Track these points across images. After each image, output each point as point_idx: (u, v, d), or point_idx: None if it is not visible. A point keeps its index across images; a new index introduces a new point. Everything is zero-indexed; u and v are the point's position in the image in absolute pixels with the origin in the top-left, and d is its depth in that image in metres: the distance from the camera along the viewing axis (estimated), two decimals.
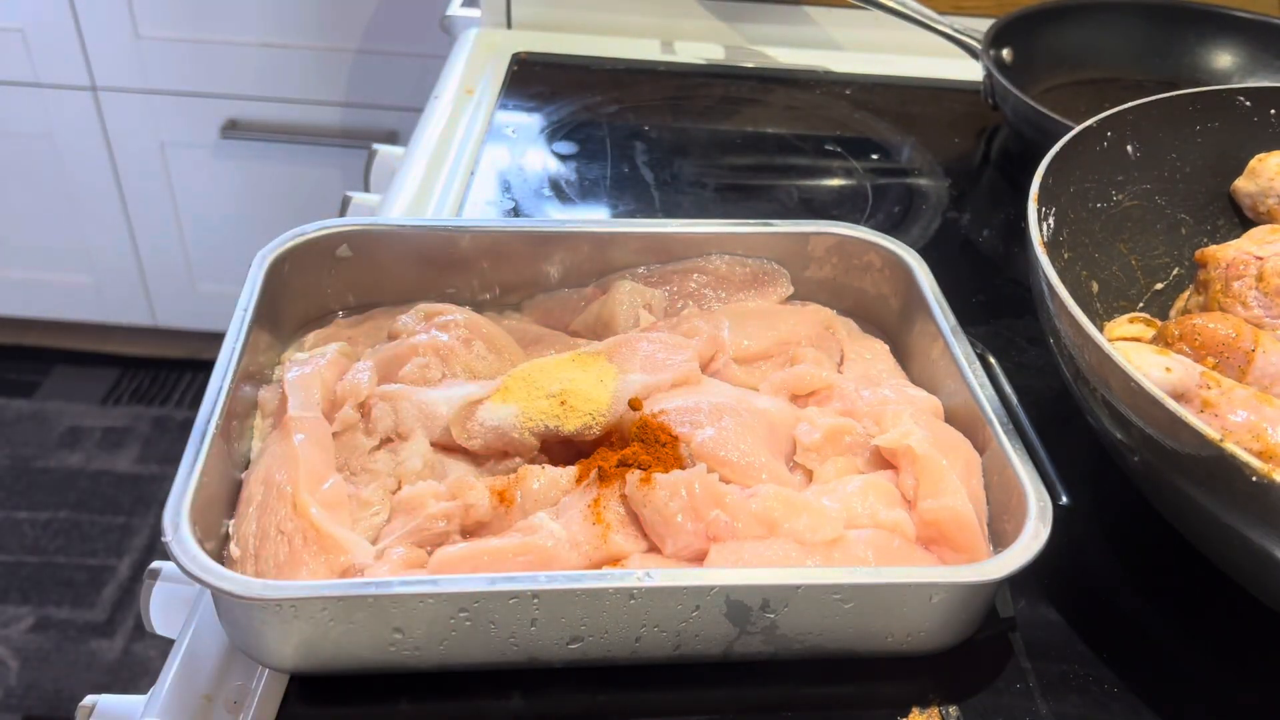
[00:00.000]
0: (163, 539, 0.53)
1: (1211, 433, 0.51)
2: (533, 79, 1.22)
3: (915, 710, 0.58)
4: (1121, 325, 0.73)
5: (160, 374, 2.24)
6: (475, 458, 0.66)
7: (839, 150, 1.14)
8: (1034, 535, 0.57)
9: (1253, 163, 0.81)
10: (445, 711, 0.57)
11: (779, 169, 1.11)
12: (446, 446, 0.66)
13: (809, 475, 0.66)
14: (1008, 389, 0.68)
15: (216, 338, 0.65)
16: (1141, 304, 0.80)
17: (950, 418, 0.69)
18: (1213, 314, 0.68)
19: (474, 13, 1.36)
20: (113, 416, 2.14)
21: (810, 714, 0.58)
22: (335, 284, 0.76)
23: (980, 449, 0.65)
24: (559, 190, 1.02)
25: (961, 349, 0.69)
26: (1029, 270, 0.67)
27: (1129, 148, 0.79)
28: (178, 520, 0.54)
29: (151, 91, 1.83)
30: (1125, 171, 0.79)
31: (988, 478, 0.64)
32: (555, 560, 0.57)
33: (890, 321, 0.79)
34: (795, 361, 0.73)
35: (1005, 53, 1.15)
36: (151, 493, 1.99)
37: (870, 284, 0.80)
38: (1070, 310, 0.60)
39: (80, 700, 0.64)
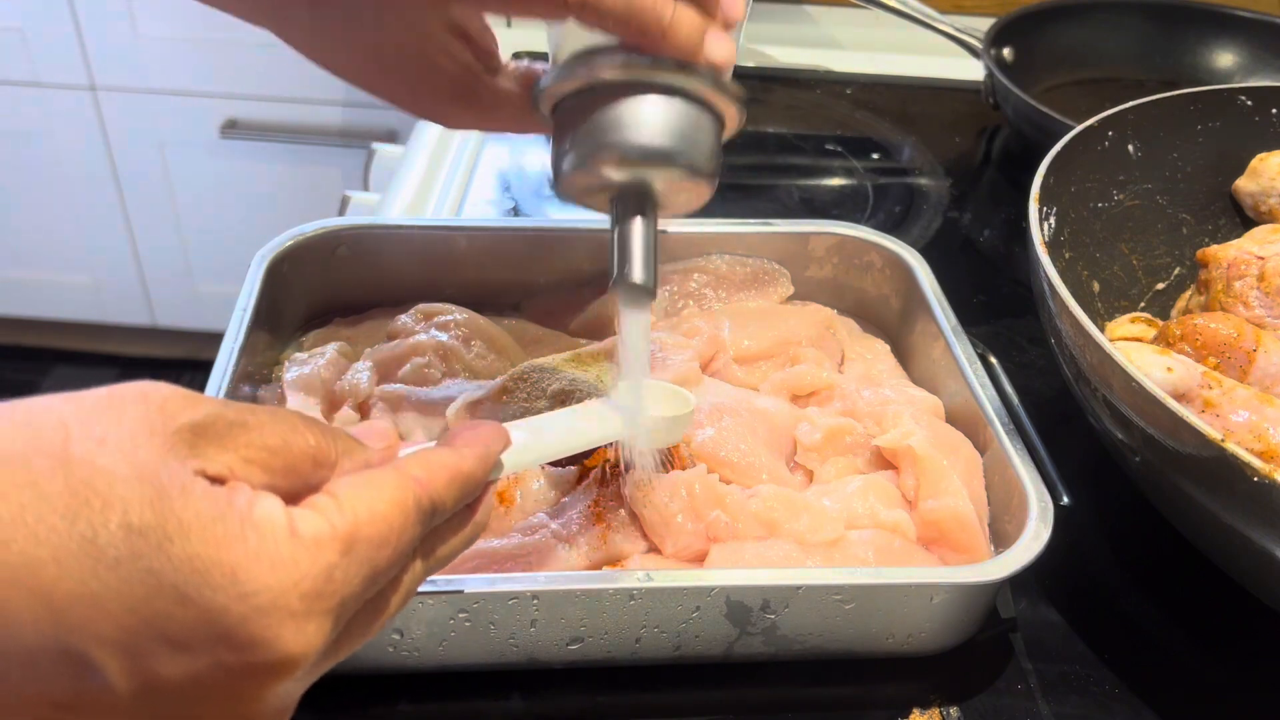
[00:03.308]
0: None
1: (1213, 433, 0.51)
2: None
3: (916, 711, 0.58)
4: (1123, 325, 0.73)
5: (159, 374, 2.23)
6: None
7: (839, 150, 1.14)
8: (1035, 536, 0.56)
9: (1254, 162, 0.81)
10: (445, 712, 0.57)
11: (779, 168, 1.11)
12: None
13: (809, 475, 0.66)
14: (1009, 389, 0.68)
15: (215, 338, 0.65)
16: (1143, 304, 0.80)
17: (951, 418, 0.69)
18: (1214, 314, 0.68)
19: None
20: None
21: (810, 715, 0.58)
22: (335, 284, 0.76)
23: (981, 449, 0.65)
24: None
25: (962, 349, 0.69)
26: (1030, 270, 0.67)
27: (1130, 147, 0.79)
28: None
29: (151, 91, 1.83)
30: (1126, 171, 0.79)
31: (989, 478, 0.64)
32: (555, 561, 0.57)
33: (891, 321, 0.79)
34: (796, 361, 0.72)
35: (1006, 52, 1.15)
36: None
37: (871, 284, 0.80)
38: (1071, 310, 0.59)
39: None
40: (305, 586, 0.32)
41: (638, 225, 0.51)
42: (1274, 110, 0.82)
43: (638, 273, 0.50)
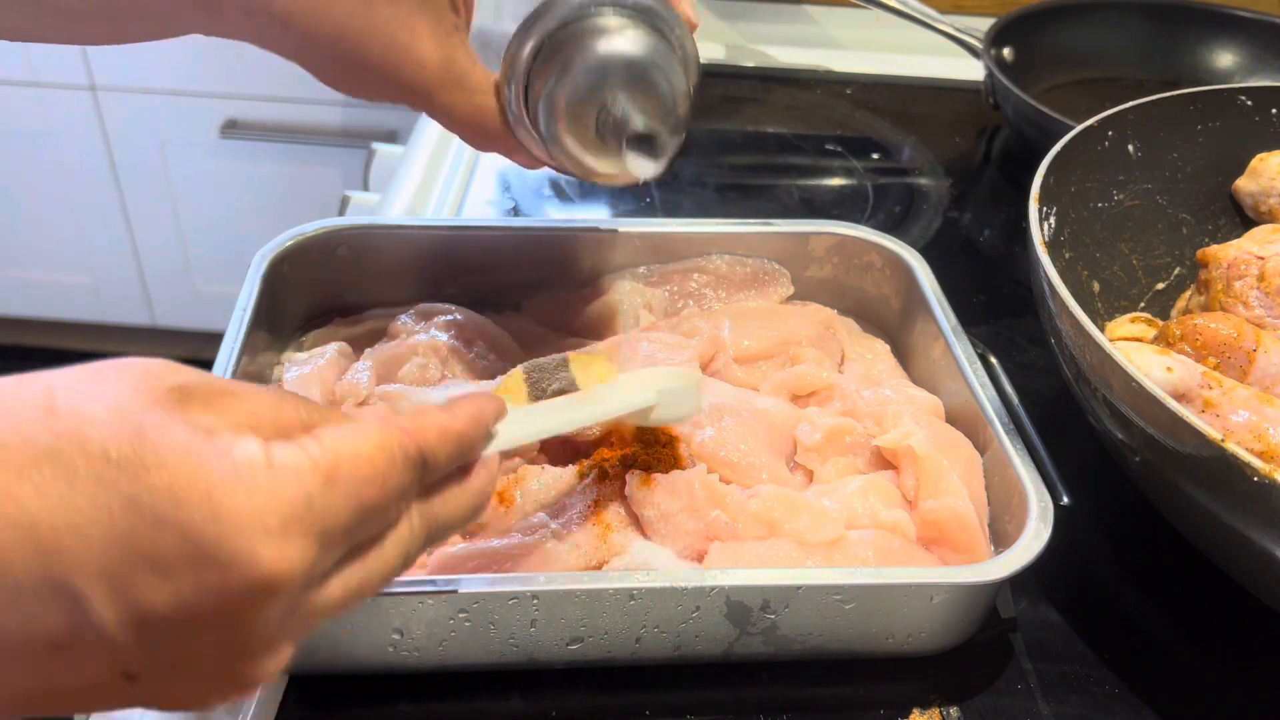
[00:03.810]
0: None
1: (1213, 433, 0.51)
2: None
3: (916, 711, 0.58)
4: (1123, 325, 0.73)
5: None
6: None
7: (839, 150, 1.14)
8: (1035, 536, 0.56)
9: (1254, 162, 0.81)
10: (445, 712, 0.57)
11: (779, 168, 1.11)
12: None
13: (809, 475, 0.66)
14: (1009, 389, 0.67)
15: (216, 338, 0.65)
16: (1143, 304, 0.80)
17: (951, 418, 0.69)
18: (1214, 314, 0.68)
19: None
20: None
21: (810, 715, 0.58)
22: (335, 284, 0.76)
23: (981, 449, 0.65)
24: (559, 190, 1.01)
25: (962, 349, 0.69)
26: (1030, 270, 0.67)
27: (1130, 147, 0.79)
28: None
29: (151, 91, 1.83)
30: (1126, 171, 0.79)
31: (988, 478, 0.64)
32: (555, 560, 0.57)
33: (891, 321, 0.79)
34: (796, 361, 0.72)
35: (1006, 52, 1.15)
36: None
37: (871, 284, 0.80)
38: (1071, 310, 0.59)
39: None
40: (284, 510, 0.33)
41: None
42: (1274, 110, 0.82)
43: (639, 121, 0.56)
